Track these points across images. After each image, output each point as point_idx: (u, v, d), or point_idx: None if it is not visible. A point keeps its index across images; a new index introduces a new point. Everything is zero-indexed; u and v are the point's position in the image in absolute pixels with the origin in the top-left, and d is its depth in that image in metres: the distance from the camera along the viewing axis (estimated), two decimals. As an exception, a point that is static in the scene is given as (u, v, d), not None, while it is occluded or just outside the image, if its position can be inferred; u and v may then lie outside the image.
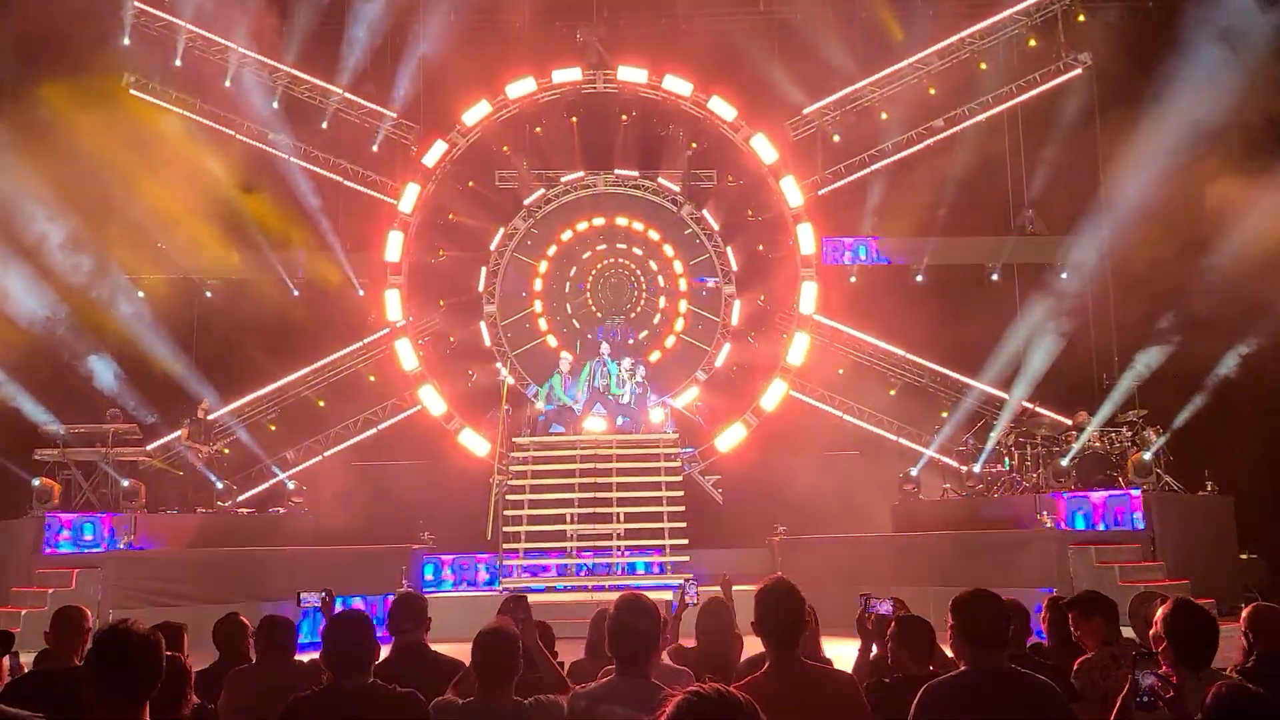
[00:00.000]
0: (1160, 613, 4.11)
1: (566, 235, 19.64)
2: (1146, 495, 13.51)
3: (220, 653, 5.74)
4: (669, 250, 19.54)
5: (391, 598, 5.78)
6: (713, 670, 4.15)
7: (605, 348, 17.28)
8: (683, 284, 19.48)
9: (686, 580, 5.92)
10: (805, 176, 18.88)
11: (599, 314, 19.47)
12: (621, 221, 19.64)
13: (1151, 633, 4.20)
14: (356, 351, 18.71)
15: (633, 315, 19.52)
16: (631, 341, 18.96)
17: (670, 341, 19.38)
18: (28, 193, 15.40)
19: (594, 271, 19.58)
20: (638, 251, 19.66)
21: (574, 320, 19.48)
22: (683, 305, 19.45)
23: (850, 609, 5.27)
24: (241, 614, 5.97)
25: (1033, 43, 18.59)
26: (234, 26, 18.02)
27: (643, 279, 19.61)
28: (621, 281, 19.61)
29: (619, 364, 17.07)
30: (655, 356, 19.01)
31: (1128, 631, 5.47)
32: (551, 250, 19.63)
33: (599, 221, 19.66)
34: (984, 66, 18.73)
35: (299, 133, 18.67)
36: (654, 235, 19.57)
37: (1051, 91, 18.36)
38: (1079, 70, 18.24)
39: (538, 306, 19.50)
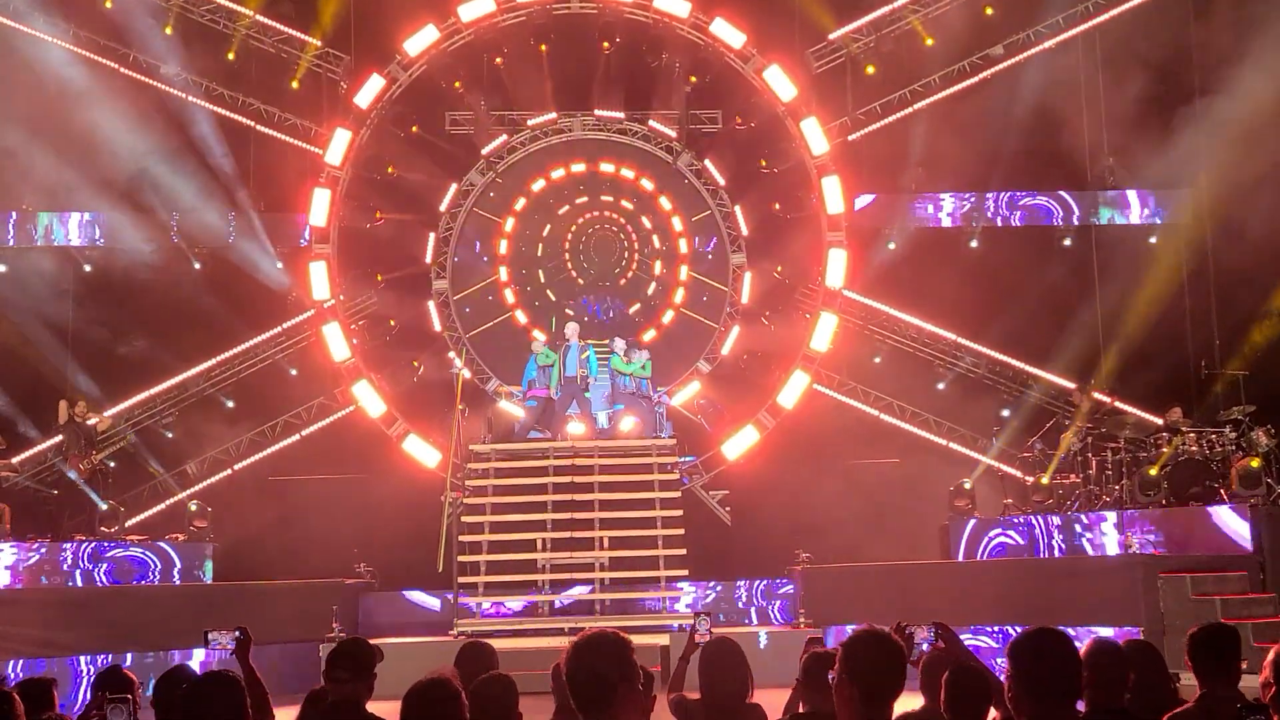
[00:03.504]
0: (1271, 655, 4.13)
1: (538, 186, 19.67)
2: (1255, 510, 13.57)
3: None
4: (666, 203, 19.59)
5: (323, 647, 5.80)
6: None
7: (572, 328, 17.14)
8: (683, 245, 19.54)
9: (699, 616, 6.05)
10: (832, 118, 18.86)
11: (581, 281, 19.50)
12: (607, 168, 19.67)
13: (1261, 679, 4.22)
14: (274, 339, 18.65)
15: (622, 283, 19.57)
16: (607, 318, 18.98)
17: (668, 317, 19.46)
18: None
19: (573, 229, 19.62)
20: (627, 205, 19.71)
21: (548, 291, 19.53)
22: (683, 271, 19.50)
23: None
24: (126, 666, 5.95)
25: (1114, -51, 18.60)
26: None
27: (634, 238, 19.64)
28: (608, 241, 19.64)
29: (618, 351, 17.03)
30: (650, 336, 19.09)
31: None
32: (520, 204, 19.66)
33: (578, 168, 19.71)
34: (1054, -21, 18.73)
35: (199, 65, 18.53)
36: (647, 184, 19.62)
37: (1137, 10, 18.34)
38: (1171, -16, 18.22)
39: (503, 274, 19.53)
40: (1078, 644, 3.97)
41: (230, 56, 18.77)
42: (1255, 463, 14.27)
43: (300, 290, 18.45)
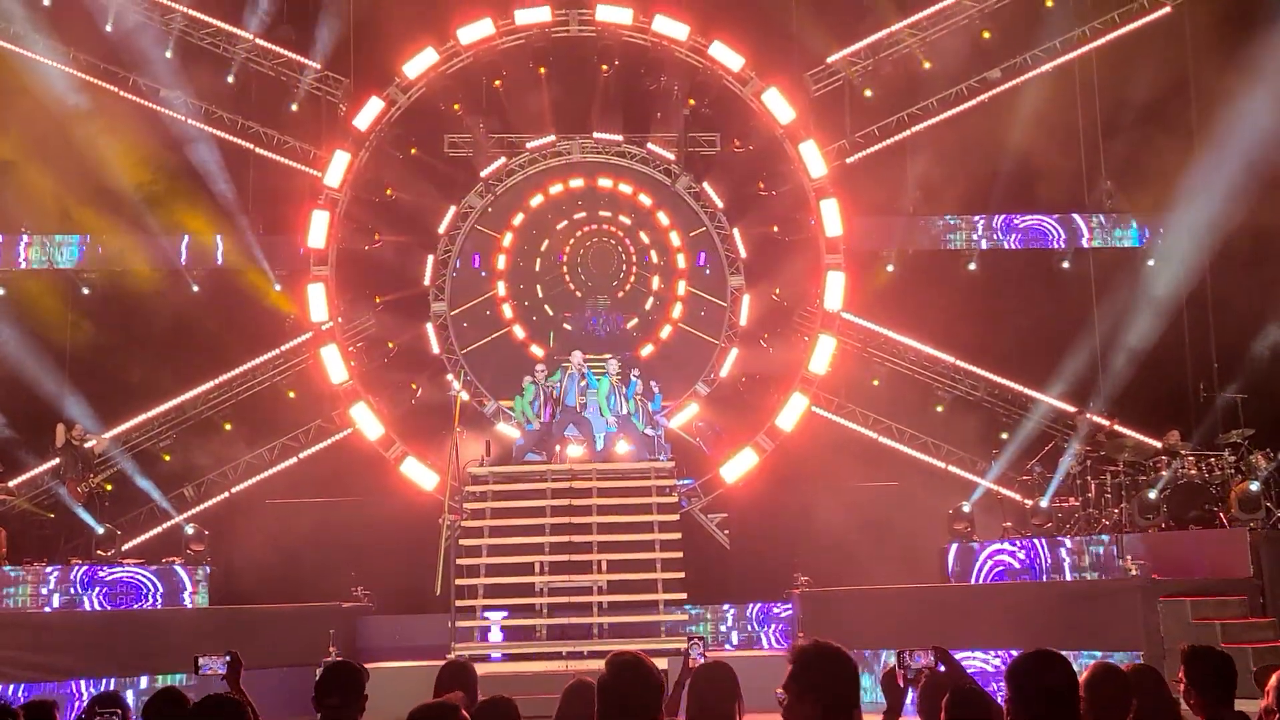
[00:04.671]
0: (1274, 681, 4.14)
1: (536, 201, 19.79)
2: (1254, 534, 13.56)
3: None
4: (664, 218, 19.68)
5: (320, 671, 5.79)
6: None
7: (577, 355, 17.16)
8: (681, 260, 19.62)
9: (692, 640, 6.01)
10: (830, 141, 18.94)
11: (579, 294, 19.58)
12: (605, 183, 19.83)
13: (1262, 705, 4.23)
14: (272, 361, 18.67)
15: (620, 295, 19.64)
16: (606, 329, 19.02)
17: (666, 331, 19.55)
18: None
19: (571, 243, 19.73)
20: (625, 220, 19.83)
21: (546, 306, 19.62)
22: (681, 286, 19.58)
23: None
24: (122, 689, 5.94)
25: (1111, -27, 18.74)
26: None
27: (632, 251, 19.73)
28: (606, 253, 19.74)
29: (610, 373, 16.99)
30: (648, 350, 19.20)
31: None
32: (518, 220, 19.78)
33: (577, 184, 19.85)
34: (1050, 4, 18.83)
35: (199, 89, 18.63)
36: (645, 200, 19.75)
37: (1134, 35, 18.45)
38: (1168, 9, 18.35)
39: (501, 289, 19.60)
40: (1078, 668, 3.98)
41: (230, 80, 18.87)
42: (1254, 486, 14.29)
43: (298, 313, 18.48)
